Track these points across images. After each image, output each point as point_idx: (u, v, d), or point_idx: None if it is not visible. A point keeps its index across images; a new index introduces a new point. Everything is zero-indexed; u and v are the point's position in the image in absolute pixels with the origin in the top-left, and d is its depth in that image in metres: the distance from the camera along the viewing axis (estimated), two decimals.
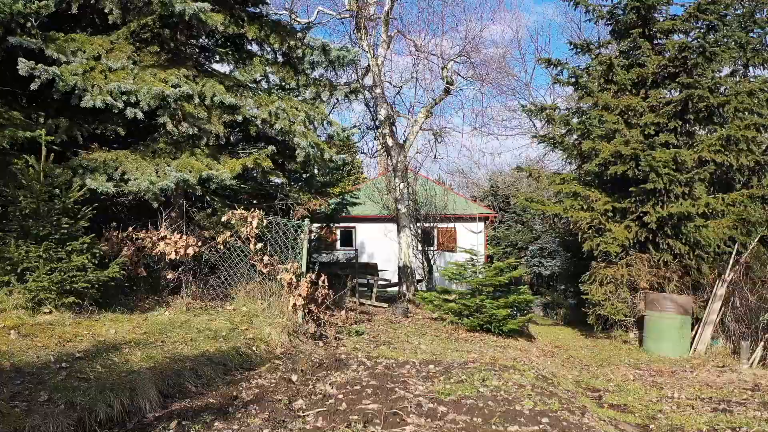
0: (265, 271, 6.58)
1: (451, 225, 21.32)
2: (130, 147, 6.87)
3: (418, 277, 14.96)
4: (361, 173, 29.97)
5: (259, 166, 6.73)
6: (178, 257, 6.40)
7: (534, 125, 25.29)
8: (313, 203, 7.86)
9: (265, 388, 4.42)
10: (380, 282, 12.08)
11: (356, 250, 14.21)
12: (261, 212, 6.71)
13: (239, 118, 6.89)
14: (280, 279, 6.51)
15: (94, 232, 5.94)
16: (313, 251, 12.99)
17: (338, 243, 21.68)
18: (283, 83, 8.36)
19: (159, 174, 6.34)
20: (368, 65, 12.91)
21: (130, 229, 6.40)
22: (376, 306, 11.31)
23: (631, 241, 10.34)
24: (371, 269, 12.51)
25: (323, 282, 6.91)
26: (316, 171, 8.39)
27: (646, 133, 10.26)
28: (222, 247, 6.84)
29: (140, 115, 6.17)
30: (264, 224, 6.62)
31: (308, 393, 4.37)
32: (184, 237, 6.51)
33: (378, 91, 12.72)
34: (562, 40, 36.92)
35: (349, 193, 13.51)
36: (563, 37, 37.19)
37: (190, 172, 6.44)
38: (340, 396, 4.20)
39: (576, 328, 13.65)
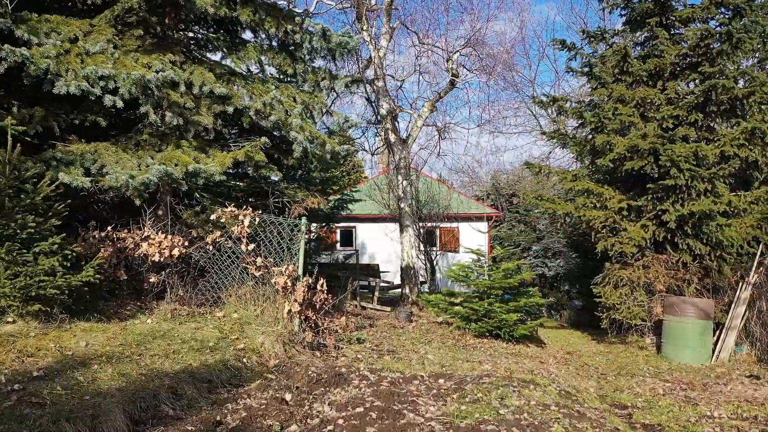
0: (257, 274, 6.02)
1: (453, 225, 20.77)
2: (112, 139, 6.31)
3: (421, 279, 14.39)
4: (362, 173, 29.43)
5: (252, 160, 6.16)
6: (162, 259, 5.84)
7: (538, 123, 24.74)
8: (312, 201, 7.29)
9: (254, 411, 3.85)
10: (382, 284, 11.52)
11: (357, 250, 13.64)
12: (254, 210, 6.14)
13: (230, 109, 6.33)
14: (275, 283, 5.95)
15: (71, 232, 5.39)
16: (312, 252, 12.45)
17: (338, 243, 21.15)
18: (280, 73, 7.79)
19: (141, 167, 5.78)
20: (370, 57, 12.34)
21: (109, 228, 5.83)
22: (378, 310, 10.75)
23: (648, 241, 9.77)
24: (373, 271, 11.94)
25: (322, 286, 6.34)
26: (314, 166, 7.82)
27: (663, 126, 9.69)
28: (211, 248, 6.28)
29: (120, 104, 5.60)
30: (257, 223, 6.05)
31: (303, 416, 3.80)
32: (169, 237, 5.95)
33: (380, 84, 12.15)
34: (567, 36, 36.27)
35: (349, 188, 12.94)
36: (566, 33, 36.60)
37: (176, 165, 5.88)
38: (341, 421, 3.64)
39: (585, 332, 13.10)
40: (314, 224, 12.89)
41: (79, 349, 4.24)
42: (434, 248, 20.42)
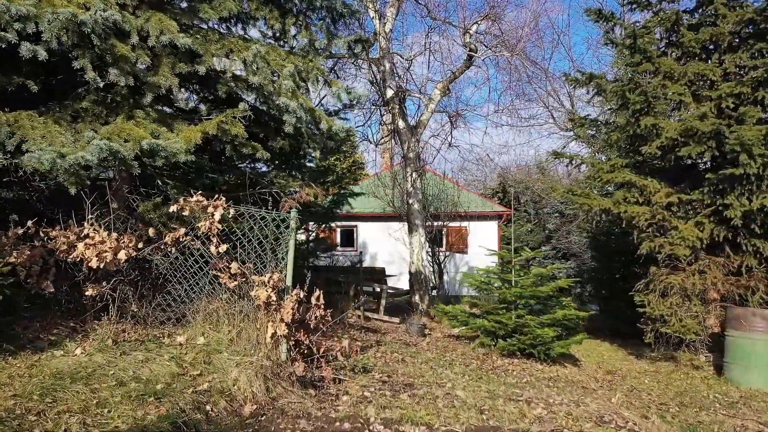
0: (231, 285, 4.54)
1: (462, 224, 19.26)
2: (44, 107, 4.83)
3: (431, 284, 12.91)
4: (363, 169, 27.96)
5: (227, 134, 4.68)
6: (102, 264, 4.35)
7: (552, 116, 23.27)
8: (307, 193, 5.81)
9: None
10: (389, 290, 10.03)
11: (360, 252, 12.17)
12: (232, 202, 4.67)
13: (201, 69, 4.85)
14: (255, 296, 4.47)
15: None
16: (309, 254, 10.95)
17: (339, 244, 19.70)
18: (267, 33, 6.31)
19: (77, 144, 4.29)
20: (375, 33, 10.86)
21: (30, 223, 4.35)
22: (385, 321, 9.27)
23: (704, 242, 8.28)
24: (378, 275, 10.46)
25: (318, 299, 4.86)
26: (310, 150, 6.35)
27: (722, 106, 8.21)
28: (173, 251, 4.79)
29: (43, 55, 4.12)
30: (232, 217, 4.57)
31: None
32: (114, 236, 4.46)
33: (386, 63, 10.67)
34: (579, 23, 34.53)
35: (349, 186, 11.47)
36: (582, 22, 35.07)
37: (126, 142, 4.40)
38: None
39: (614, 343, 11.63)
40: (312, 223, 11.42)
41: None
42: (441, 249, 18.93)
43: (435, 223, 17.52)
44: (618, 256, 13.91)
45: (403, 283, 16.09)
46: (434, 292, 15.30)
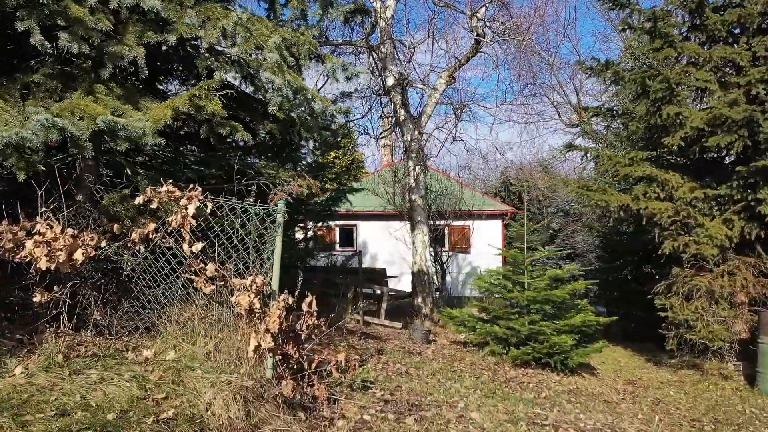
0: (207, 291, 3.86)
1: (466, 223, 18.58)
2: None
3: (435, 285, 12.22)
4: (363, 168, 27.29)
5: (202, 112, 4.00)
6: (54, 266, 3.67)
7: (557, 112, 22.59)
8: (299, 184, 5.14)
9: None
10: (390, 292, 9.35)
11: (360, 252, 11.51)
12: (212, 194, 3.99)
13: (172, 38, 4.17)
14: (236, 303, 3.79)
15: None
16: (305, 254, 10.27)
17: (337, 243, 19.02)
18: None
19: (19, 122, 3.61)
20: (374, 18, 10.18)
21: None
22: (386, 326, 8.60)
23: (733, 241, 7.62)
24: (378, 276, 9.79)
25: (310, 305, 4.18)
26: (303, 139, 5.67)
27: (751, 93, 7.54)
28: (142, 249, 4.11)
29: None
30: (209, 210, 3.89)
31: None
32: (70, 232, 3.78)
33: (386, 50, 9.99)
34: (586, 16, 33.75)
35: (348, 184, 10.80)
36: (588, 16, 34.44)
37: (80, 119, 3.73)
38: None
39: (628, 348, 11.00)
40: (311, 223, 10.74)
41: None
42: (443, 249, 18.25)
43: (437, 222, 16.84)
44: (630, 256, 13.26)
45: (404, 284, 15.42)
46: (436, 294, 14.62)
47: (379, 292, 9.26)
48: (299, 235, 9.63)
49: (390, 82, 9.89)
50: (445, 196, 16.35)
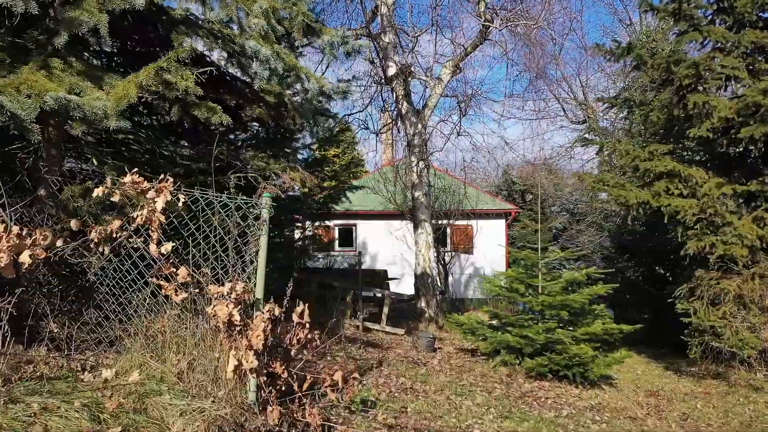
0: (177, 299, 3.26)
1: (469, 222, 17.96)
2: None
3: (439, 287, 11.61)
4: (363, 167, 26.70)
5: (172, 88, 3.40)
6: None
7: (563, 108, 21.95)
8: (291, 177, 4.55)
9: None
10: (392, 296, 8.75)
11: (360, 253, 10.91)
12: (180, 185, 3.39)
13: (140, 2, 3.55)
14: (212, 314, 3.19)
15: None
16: (300, 254, 9.67)
17: (336, 243, 18.42)
18: None
19: None
20: (376, 7, 9.59)
21: None
22: (387, 332, 8.00)
23: (765, 241, 7.03)
24: (379, 279, 9.20)
25: (302, 316, 3.59)
26: (297, 122, 5.09)
27: None
28: (105, 251, 3.51)
29: None
30: (181, 204, 3.29)
31: None
32: (16, 230, 3.18)
33: (388, 39, 9.39)
34: (592, 10, 33.12)
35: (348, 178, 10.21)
36: (594, 9, 33.79)
37: (27, 97, 3.13)
38: None
39: (641, 353, 10.41)
40: (308, 222, 10.13)
41: None
42: (445, 249, 17.64)
43: (439, 222, 16.24)
44: (642, 257, 12.67)
45: (406, 285, 14.81)
46: (440, 296, 14.02)
47: (379, 294, 8.67)
48: (296, 235, 9.02)
49: (392, 71, 9.29)
50: (448, 193, 15.71)
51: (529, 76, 12.40)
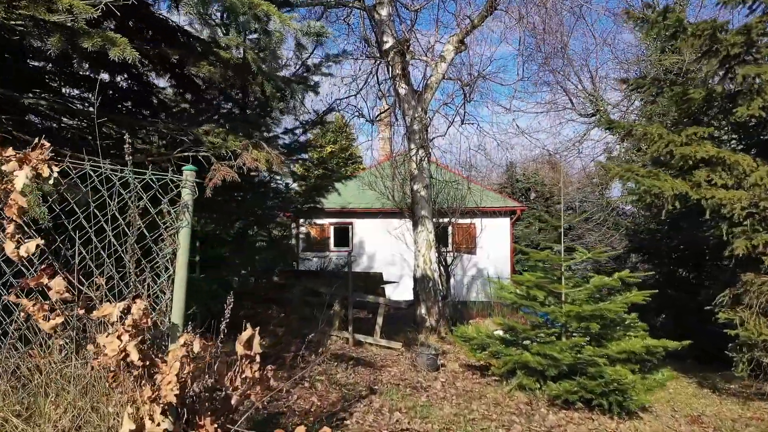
0: (46, 326, 2.12)
1: (472, 220, 16.82)
2: None
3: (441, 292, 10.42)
4: (360, 164, 25.58)
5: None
6: None
7: (570, 101, 20.81)
8: (253, 156, 3.40)
9: None
10: (388, 303, 7.59)
11: (350, 253, 9.78)
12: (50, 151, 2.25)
13: None
14: (97, 351, 2.06)
15: None
16: (289, 250, 8.50)
17: (332, 243, 17.32)
18: None
19: None
20: None
21: None
22: (382, 346, 6.86)
23: None
24: (374, 283, 8.05)
25: (250, 345, 2.44)
26: (265, 90, 3.97)
27: None
28: None
29: None
30: (53, 180, 2.15)
31: None
32: None
33: (384, 12, 8.25)
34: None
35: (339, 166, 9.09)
36: None
37: None
38: None
39: (668, 365, 9.24)
40: (302, 220, 8.98)
41: None
42: (447, 249, 16.50)
43: (440, 220, 15.13)
44: (665, 258, 11.57)
45: (404, 287, 13.67)
46: (441, 301, 12.87)
47: (372, 300, 7.52)
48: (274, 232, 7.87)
49: (389, 44, 8.15)
50: (450, 186, 14.52)
51: (544, 53, 11.24)
